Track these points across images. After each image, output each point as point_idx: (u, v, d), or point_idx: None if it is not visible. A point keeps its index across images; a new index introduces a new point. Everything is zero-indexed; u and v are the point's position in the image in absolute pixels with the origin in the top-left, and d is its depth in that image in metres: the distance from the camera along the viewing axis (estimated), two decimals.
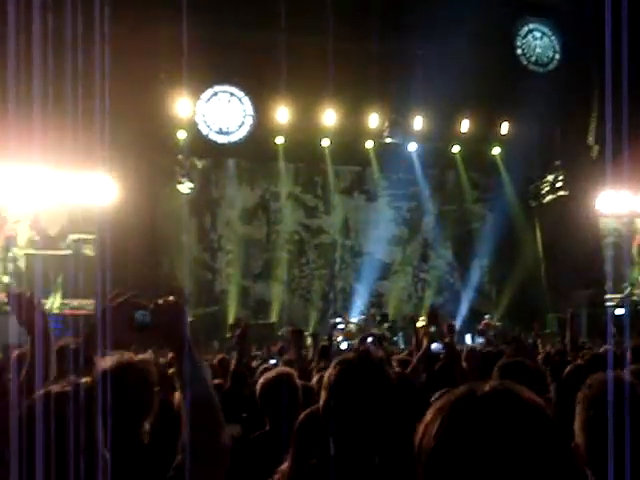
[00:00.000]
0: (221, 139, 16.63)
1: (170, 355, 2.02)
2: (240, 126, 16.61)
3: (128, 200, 15.09)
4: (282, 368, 4.19)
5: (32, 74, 8.92)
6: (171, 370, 2.82)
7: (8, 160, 13.32)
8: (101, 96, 9.23)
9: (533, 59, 18.33)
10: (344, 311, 17.61)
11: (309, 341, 16.00)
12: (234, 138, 16.62)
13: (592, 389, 1.96)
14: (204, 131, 16.45)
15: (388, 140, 17.63)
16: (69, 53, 9.62)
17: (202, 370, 1.98)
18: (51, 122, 10.05)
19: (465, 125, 17.69)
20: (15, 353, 4.43)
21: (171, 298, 2.02)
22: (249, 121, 16.62)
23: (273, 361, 7.83)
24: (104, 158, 13.23)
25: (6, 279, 14.95)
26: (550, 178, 18.35)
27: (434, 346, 5.95)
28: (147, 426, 2.48)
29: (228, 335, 14.58)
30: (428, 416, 1.26)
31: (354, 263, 18.95)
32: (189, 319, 2.06)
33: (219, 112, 16.50)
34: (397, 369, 5.87)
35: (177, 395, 3.65)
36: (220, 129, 16.56)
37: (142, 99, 14.78)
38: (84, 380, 1.86)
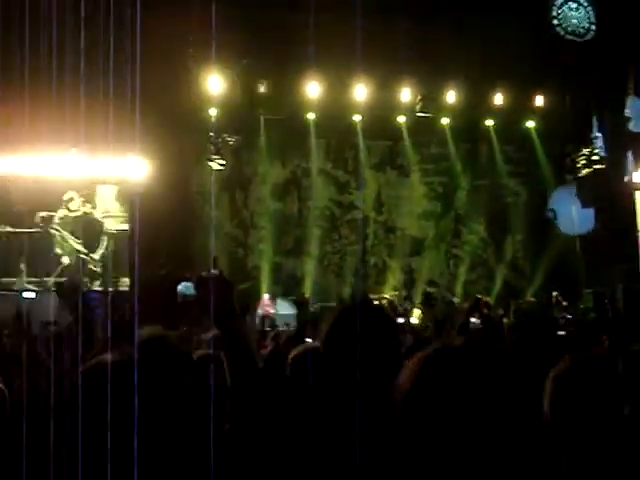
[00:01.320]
0: None
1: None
2: None
3: (160, 178, 15.16)
4: (310, 343, 4.20)
5: (64, 56, 8.95)
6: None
7: (41, 143, 13.47)
8: (132, 76, 9.23)
9: (569, 29, 17.94)
10: (377, 287, 17.65)
11: None
12: None
13: (560, 366, 1.93)
14: None
15: (420, 114, 17.43)
16: (99, 34, 9.62)
17: (248, 341, 1.99)
18: (83, 104, 10.09)
19: (499, 98, 17.41)
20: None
21: (215, 271, 2.04)
22: None
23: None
24: (135, 137, 13.27)
25: (66, 260, 15.22)
26: (586, 151, 18.02)
27: (473, 320, 5.91)
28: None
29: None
30: (408, 366, 1.51)
31: (386, 239, 18.86)
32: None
33: None
34: None
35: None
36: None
37: (172, 77, 14.78)
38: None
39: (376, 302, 15.42)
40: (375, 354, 2.12)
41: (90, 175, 15.24)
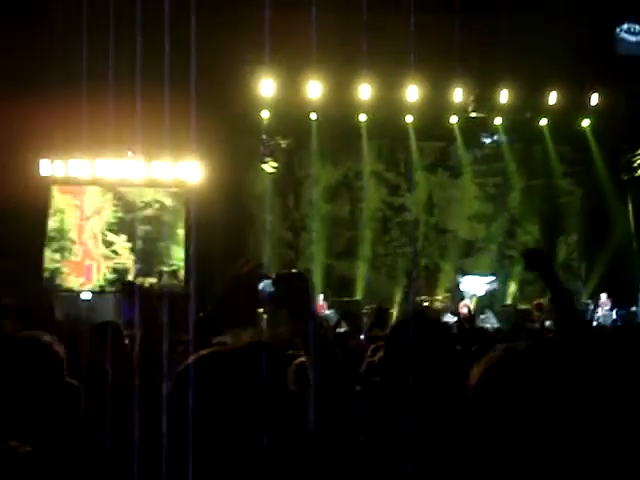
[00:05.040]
0: None
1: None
2: None
3: (213, 181, 15.32)
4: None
5: (121, 61, 9.11)
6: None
7: (100, 145, 13.73)
8: (187, 80, 9.35)
9: (624, 27, 17.61)
10: (428, 288, 17.55)
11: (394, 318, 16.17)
12: None
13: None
14: None
15: (473, 115, 17.27)
16: (157, 38, 9.76)
17: (326, 336, 2.03)
18: (139, 107, 10.25)
19: (553, 97, 17.13)
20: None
21: (294, 270, 2.09)
22: None
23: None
24: (191, 140, 13.44)
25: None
26: None
27: (548, 322, 5.92)
28: None
29: None
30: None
31: (437, 241, 18.75)
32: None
33: None
34: None
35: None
36: None
37: (226, 81, 14.91)
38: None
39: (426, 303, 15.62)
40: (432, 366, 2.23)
41: (145, 178, 15.48)
